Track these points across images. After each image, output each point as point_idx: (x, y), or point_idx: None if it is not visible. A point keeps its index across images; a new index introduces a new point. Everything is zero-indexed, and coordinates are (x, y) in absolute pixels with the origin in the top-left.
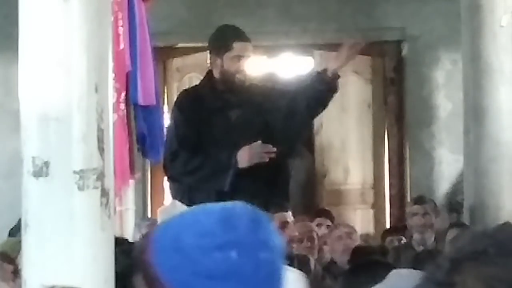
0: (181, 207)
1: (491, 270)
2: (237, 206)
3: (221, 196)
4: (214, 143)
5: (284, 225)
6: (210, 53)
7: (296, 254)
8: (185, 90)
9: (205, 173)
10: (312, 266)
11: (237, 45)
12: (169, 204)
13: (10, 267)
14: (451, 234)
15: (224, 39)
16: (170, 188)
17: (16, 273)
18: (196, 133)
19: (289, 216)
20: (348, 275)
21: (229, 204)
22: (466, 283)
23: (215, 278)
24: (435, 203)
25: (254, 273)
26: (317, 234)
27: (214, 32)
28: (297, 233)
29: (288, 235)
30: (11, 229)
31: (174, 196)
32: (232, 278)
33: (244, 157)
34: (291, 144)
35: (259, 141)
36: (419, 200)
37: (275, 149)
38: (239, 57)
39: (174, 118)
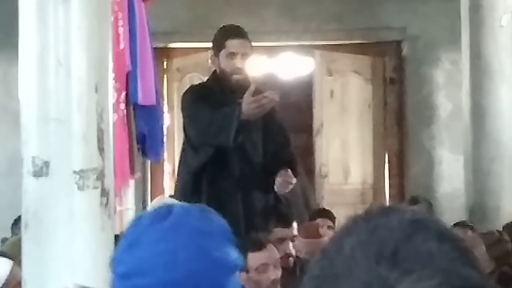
0: (170, 202)
1: None
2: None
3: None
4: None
5: (280, 241)
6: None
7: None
8: (193, 85)
9: (212, 129)
10: None
11: (229, 43)
12: (158, 199)
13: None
14: None
15: (219, 38)
16: (176, 188)
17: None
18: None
19: (290, 232)
20: None
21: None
22: None
23: (129, 276)
24: (430, 203)
25: (159, 265)
26: None
27: (215, 32)
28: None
29: (285, 251)
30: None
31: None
32: (141, 272)
33: (249, 106)
34: None
35: (263, 94)
36: (412, 200)
37: (277, 96)
38: (232, 55)
39: (187, 103)
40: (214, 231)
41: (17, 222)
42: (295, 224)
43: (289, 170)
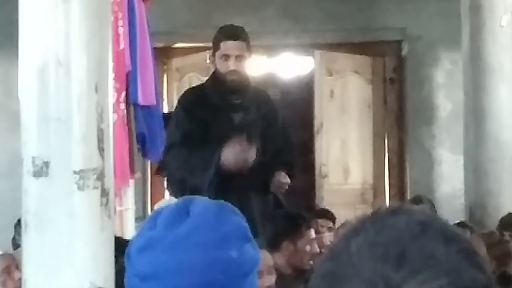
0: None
1: None
2: (170, 206)
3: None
4: (216, 144)
5: None
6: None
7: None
8: (191, 88)
9: (190, 167)
10: None
11: (223, 45)
12: (165, 200)
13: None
14: None
15: (215, 40)
16: (168, 190)
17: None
18: (200, 129)
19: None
20: None
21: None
22: None
23: (145, 278)
24: (432, 203)
25: (176, 270)
26: None
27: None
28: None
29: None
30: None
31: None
32: (157, 276)
33: (230, 159)
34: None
35: (244, 146)
36: (416, 200)
37: (254, 151)
38: (225, 56)
39: (176, 115)
40: (231, 233)
41: (20, 221)
42: None
43: (282, 173)
